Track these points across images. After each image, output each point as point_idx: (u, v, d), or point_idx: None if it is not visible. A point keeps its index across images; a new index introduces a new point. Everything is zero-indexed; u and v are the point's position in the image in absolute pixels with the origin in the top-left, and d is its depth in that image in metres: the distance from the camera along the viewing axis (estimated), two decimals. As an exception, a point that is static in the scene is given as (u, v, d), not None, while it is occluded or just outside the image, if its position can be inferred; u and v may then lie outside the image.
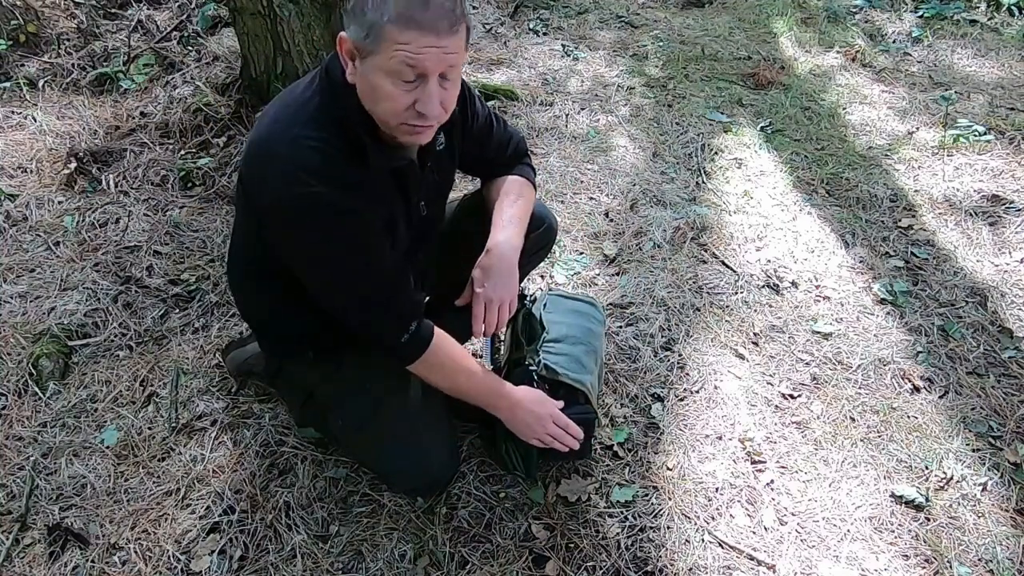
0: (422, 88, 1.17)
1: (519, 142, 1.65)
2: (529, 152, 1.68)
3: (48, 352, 1.98)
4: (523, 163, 1.65)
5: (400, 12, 1.11)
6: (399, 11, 1.11)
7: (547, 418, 1.49)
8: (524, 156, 1.66)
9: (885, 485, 1.74)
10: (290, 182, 1.21)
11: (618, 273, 2.35)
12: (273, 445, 1.78)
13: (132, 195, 2.60)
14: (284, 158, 1.22)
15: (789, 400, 1.94)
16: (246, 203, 1.38)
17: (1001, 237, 2.51)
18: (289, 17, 2.63)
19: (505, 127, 1.62)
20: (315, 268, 1.33)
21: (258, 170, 1.28)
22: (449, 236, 1.64)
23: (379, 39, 1.13)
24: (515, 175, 1.61)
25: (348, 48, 1.18)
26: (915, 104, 3.28)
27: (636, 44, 3.81)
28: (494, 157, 1.61)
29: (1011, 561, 1.59)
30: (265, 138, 1.27)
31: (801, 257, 2.43)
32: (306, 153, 1.21)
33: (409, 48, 1.12)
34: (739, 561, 1.58)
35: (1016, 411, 1.91)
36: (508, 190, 1.57)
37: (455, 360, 1.46)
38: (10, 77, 3.20)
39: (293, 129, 1.23)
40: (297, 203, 1.22)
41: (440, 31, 1.13)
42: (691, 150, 2.95)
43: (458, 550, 1.58)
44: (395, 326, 1.36)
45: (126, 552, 1.57)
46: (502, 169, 1.62)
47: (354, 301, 1.35)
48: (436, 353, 1.41)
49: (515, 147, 1.63)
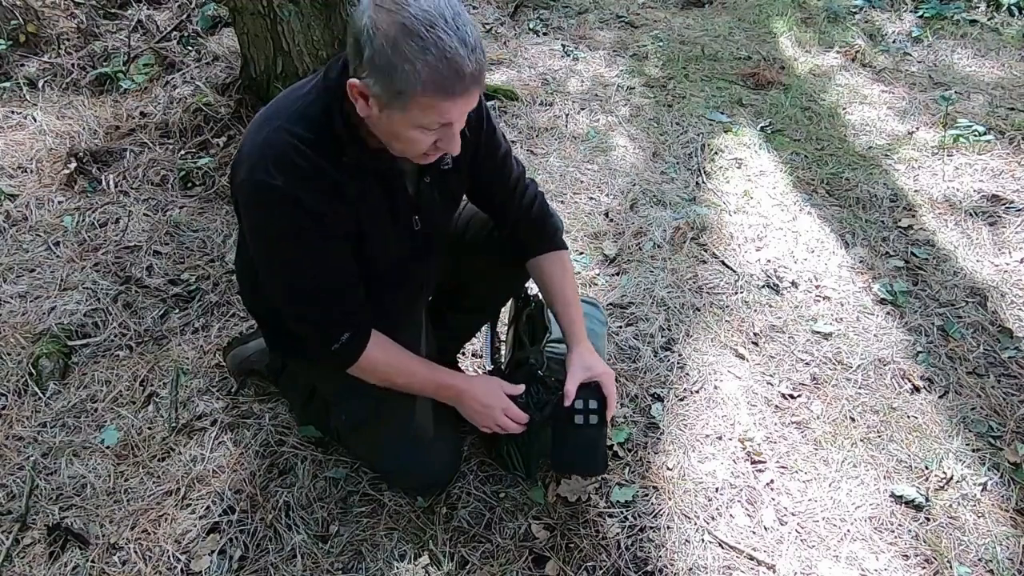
0: (446, 131, 1.16)
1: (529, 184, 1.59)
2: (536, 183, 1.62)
3: (48, 352, 1.98)
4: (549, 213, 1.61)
5: (435, 86, 1.07)
6: (434, 85, 1.07)
7: (496, 410, 1.49)
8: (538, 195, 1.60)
9: (885, 485, 1.74)
10: (254, 167, 1.22)
11: (618, 273, 2.35)
12: (273, 445, 1.78)
13: (132, 195, 2.60)
14: (260, 145, 1.23)
15: (789, 400, 1.94)
16: None
17: (1001, 237, 2.51)
18: (289, 17, 2.63)
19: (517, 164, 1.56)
20: (260, 257, 1.34)
21: (238, 153, 1.29)
22: (455, 243, 1.63)
23: (407, 103, 1.10)
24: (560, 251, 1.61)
25: (364, 95, 1.13)
26: (915, 104, 3.28)
27: (636, 44, 3.81)
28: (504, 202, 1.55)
29: (1011, 561, 1.59)
30: (255, 127, 1.28)
31: (801, 257, 2.43)
32: (280, 145, 1.21)
33: (440, 111, 1.11)
34: (739, 561, 1.58)
35: (1016, 411, 1.91)
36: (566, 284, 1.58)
37: (391, 365, 1.44)
38: (10, 77, 3.20)
39: (278, 121, 1.23)
40: (254, 188, 1.23)
41: (471, 93, 1.12)
42: (691, 150, 2.95)
43: (458, 550, 1.58)
44: (324, 334, 1.35)
45: (126, 552, 1.57)
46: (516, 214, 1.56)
47: (289, 298, 1.35)
48: (368, 360, 1.39)
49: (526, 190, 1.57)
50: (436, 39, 1.04)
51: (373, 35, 1.06)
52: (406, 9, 1.05)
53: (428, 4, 1.05)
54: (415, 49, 1.05)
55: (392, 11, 1.05)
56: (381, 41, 1.06)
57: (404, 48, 1.05)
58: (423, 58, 1.05)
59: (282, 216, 1.24)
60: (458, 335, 1.90)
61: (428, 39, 1.04)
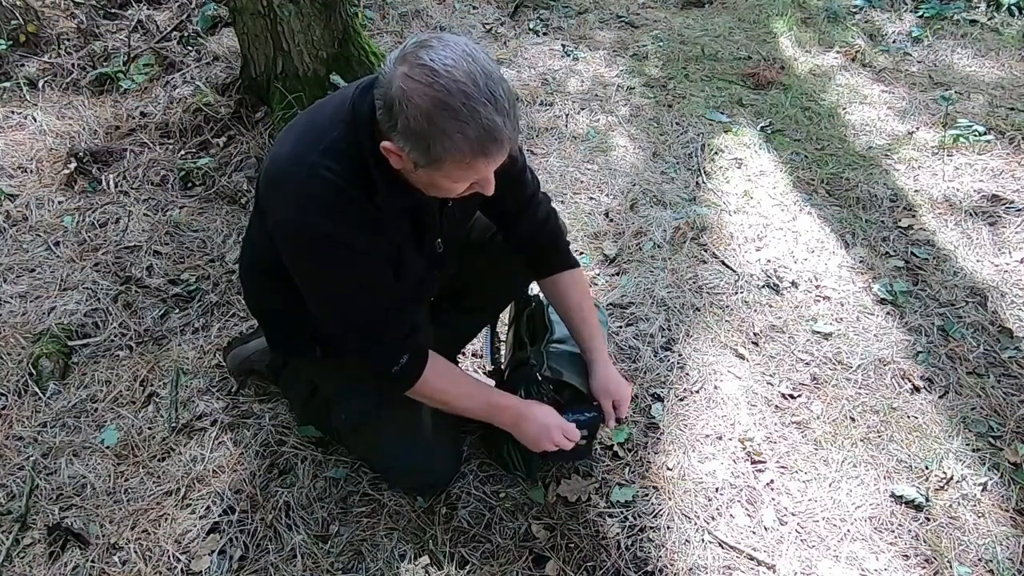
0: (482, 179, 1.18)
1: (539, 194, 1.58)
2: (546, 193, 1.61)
3: (48, 352, 1.98)
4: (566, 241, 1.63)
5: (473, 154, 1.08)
6: (472, 154, 1.08)
7: (555, 430, 1.48)
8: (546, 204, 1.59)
9: (885, 485, 1.74)
10: (299, 209, 1.23)
11: (618, 273, 2.35)
12: (273, 445, 1.78)
13: (132, 195, 2.60)
14: (298, 183, 1.23)
15: (789, 400, 1.94)
16: (262, 209, 1.40)
17: (1001, 237, 2.51)
18: (289, 17, 2.63)
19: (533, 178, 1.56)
20: (313, 293, 1.35)
21: (274, 187, 1.29)
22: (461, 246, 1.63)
23: (443, 166, 1.10)
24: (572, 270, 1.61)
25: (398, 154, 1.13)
26: (915, 104, 3.28)
27: (636, 44, 3.81)
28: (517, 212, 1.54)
29: (1011, 561, 1.59)
30: (286, 157, 1.27)
31: (801, 257, 2.43)
32: (318, 184, 1.21)
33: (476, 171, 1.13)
34: (739, 561, 1.58)
35: (1016, 411, 1.91)
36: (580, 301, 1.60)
37: (448, 386, 1.45)
38: (10, 77, 3.20)
39: (312, 155, 1.22)
40: (300, 231, 1.24)
41: (506, 152, 1.12)
42: (691, 150, 2.95)
43: (458, 550, 1.58)
44: (384, 358, 1.36)
45: (126, 552, 1.57)
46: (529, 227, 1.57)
47: (346, 329, 1.36)
48: (427, 383, 1.40)
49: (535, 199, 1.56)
50: (472, 111, 1.04)
51: (405, 106, 1.05)
52: (438, 81, 1.03)
53: (459, 72, 1.03)
54: (451, 123, 1.04)
55: (424, 84, 1.04)
56: (415, 113, 1.05)
57: (440, 122, 1.04)
58: (460, 132, 1.05)
59: (333, 257, 1.25)
60: (459, 335, 1.90)
61: (463, 112, 1.03)
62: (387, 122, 1.10)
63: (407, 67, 1.06)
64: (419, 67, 1.04)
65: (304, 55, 2.72)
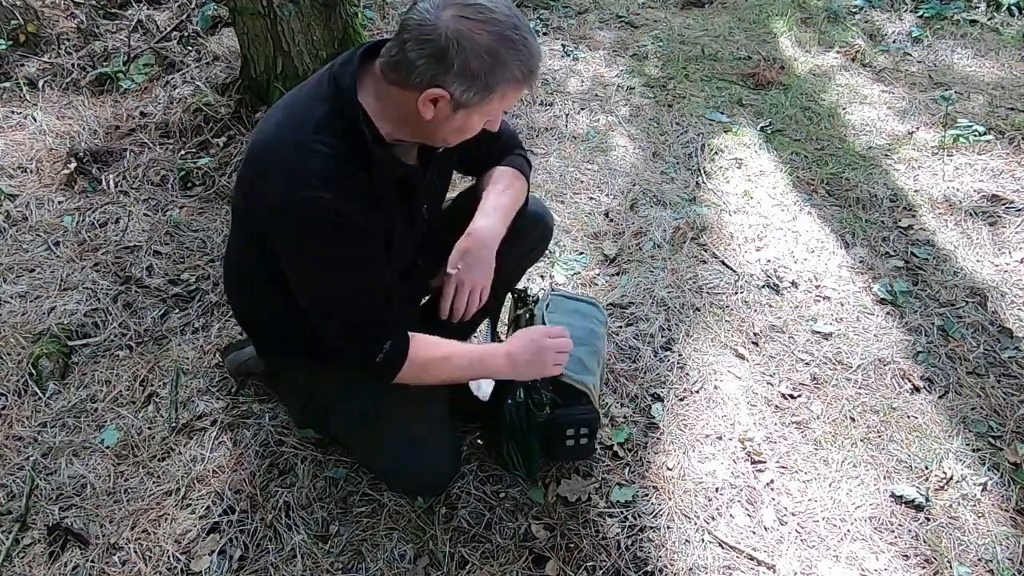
0: None
1: (511, 136, 1.64)
2: (523, 145, 1.66)
3: (48, 352, 1.98)
4: (515, 154, 1.62)
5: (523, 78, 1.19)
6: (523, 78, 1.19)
7: (546, 345, 1.46)
8: (517, 148, 1.64)
9: (885, 485, 1.74)
10: (296, 185, 1.20)
11: (618, 273, 2.35)
12: (273, 445, 1.78)
13: (132, 195, 2.60)
14: (290, 162, 1.21)
15: (789, 400, 1.94)
16: (245, 208, 1.37)
17: (1001, 237, 2.51)
18: (289, 17, 2.64)
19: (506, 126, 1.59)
20: (309, 273, 1.31)
21: (261, 174, 1.27)
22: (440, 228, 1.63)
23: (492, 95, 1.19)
24: (506, 166, 1.59)
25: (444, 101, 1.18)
26: (915, 104, 3.28)
27: (636, 44, 3.81)
28: (487, 151, 1.58)
29: (1011, 561, 1.59)
30: (270, 142, 1.26)
31: (801, 257, 2.43)
32: (314, 158, 1.20)
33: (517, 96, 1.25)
34: (739, 561, 1.58)
35: (1016, 411, 1.91)
36: (497, 179, 1.56)
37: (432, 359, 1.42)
38: (10, 77, 3.20)
39: (299, 134, 1.22)
40: (301, 207, 1.21)
41: None
42: (691, 150, 2.95)
43: (458, 550, 1.58)
44: (369, 345, 1.34)
45: (126, 552, 1.57)
46: (494, 162, 1.60)
47: (331, 313, 1.33)
48: (412, 363, 1.38)
49: (507, 139, 1.61)
50: (523, 41, 1.17)
51: (466, 46, 1.13)
52: (493, 17, 1.14)
53: (501, 6, 1.16)
54: (511, 53, 1.16)
55: (480, 21, 1.13)
56: (478, 50, 1.14)
57: (502, 54, 1.15)
58: (518, 60, 1.17)
59: (329, 231, 1.23)
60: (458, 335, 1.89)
61: (518, 41, 1.16)
62: (434, 70, 1.15)
63: (455, 9, 1.13)
64: (469, 7, 1.13)
65: (304, 55, 2.72)
